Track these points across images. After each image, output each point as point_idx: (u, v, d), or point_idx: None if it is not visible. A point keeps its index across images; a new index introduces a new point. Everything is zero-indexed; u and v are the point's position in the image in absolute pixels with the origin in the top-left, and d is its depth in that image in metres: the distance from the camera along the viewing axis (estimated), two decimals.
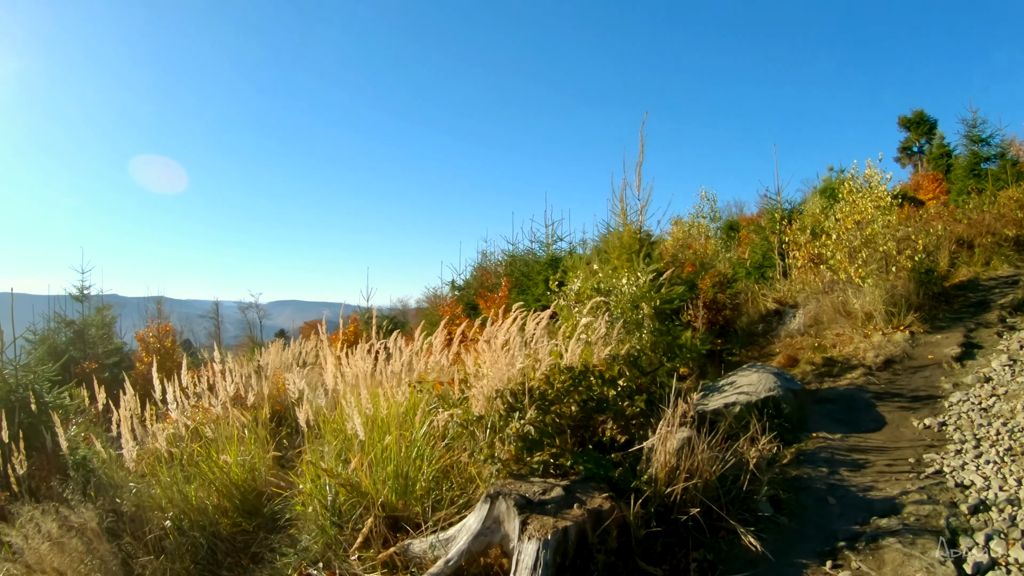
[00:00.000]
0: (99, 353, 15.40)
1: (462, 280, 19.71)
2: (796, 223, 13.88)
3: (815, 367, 9.62)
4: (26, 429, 7.23)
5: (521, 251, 17.23)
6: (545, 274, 13.44)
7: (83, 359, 14.85)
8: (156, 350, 15.03)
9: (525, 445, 5.42)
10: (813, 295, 11.79)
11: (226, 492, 6.58)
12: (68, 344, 15.35)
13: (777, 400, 7.17)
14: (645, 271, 8.75)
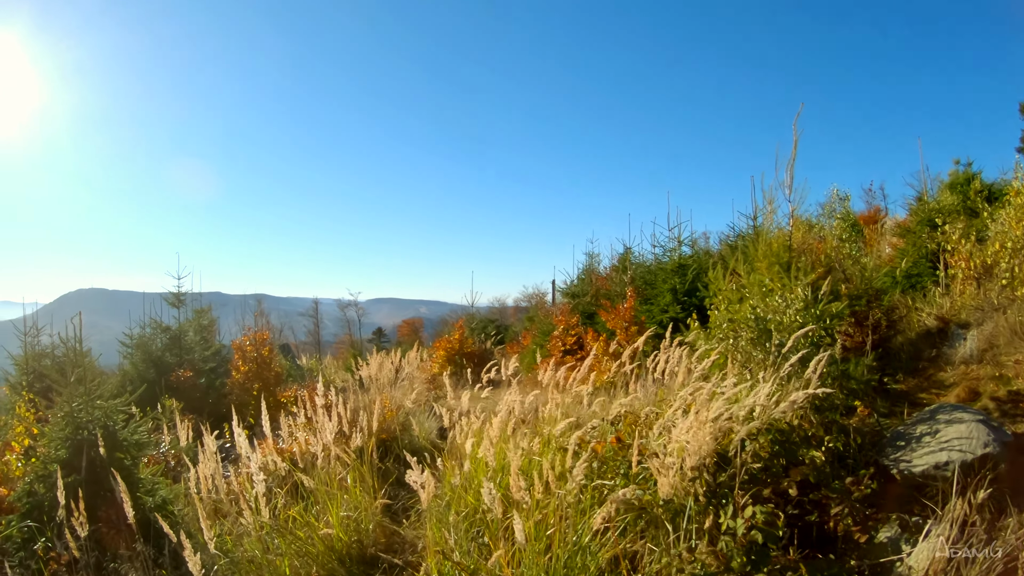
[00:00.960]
0: (195, 359, 14.78)
1: (568, 284, 18.55)
2: (952, 225, 12.23)
3: (999, 402, 8.07)
4: (93, 474, 6.31)
5: (640, 255, 15.98)
6: (671, 282, 12.21)
7: (178, 366, 14.22)
8: (253, 359, 14.28)
9: (746, 555, 4.03)
10: (984, 312, 10.17)
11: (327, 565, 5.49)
12: (164, 350, 14.86)
13: (995, 459, 5.66)
14: (803, 285, 7.33)
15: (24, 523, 6.19)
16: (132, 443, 6.79)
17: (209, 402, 13.89)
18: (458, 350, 16.23)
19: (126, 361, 15.59)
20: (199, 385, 14.01)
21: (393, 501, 6.64)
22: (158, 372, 14.19)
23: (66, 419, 6.54)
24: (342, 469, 6.47)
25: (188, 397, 12.87)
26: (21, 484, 6.75)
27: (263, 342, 14.76)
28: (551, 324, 14.11)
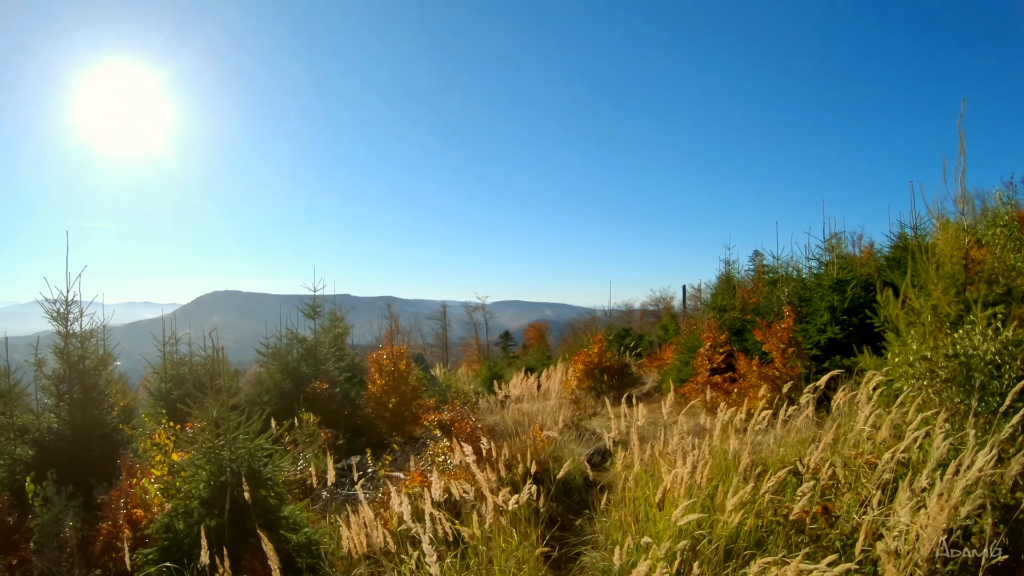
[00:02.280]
0: (330, 370, 14.55)
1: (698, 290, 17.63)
2: None
3: None
4: (236, 514, 5.90)
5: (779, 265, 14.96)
6: (829, 299, 11.23)
7: (314, 377, 13.99)
8: (389, 372, 13.94)
9: None
10: None
11: None
12: (299, 360, 14.68)
13: None
14: (987, 313, 6.31)
15: (162, 562, 5.82)
16: (276, 481, 6.38)
17: (345, 414, 13.61)
18: (597, 364, 15.62)
19: (263, 370, 15.53)
20: (334, 396, 13.75)
21: (552, 549, 6.00)
22: (294, 383, 14.01)
23: (207, 455, 6.17)
24: (496, 513, 5.86)
25: (324, 409, 12.59)
26: (160, 515, 6.42)
27: (400, 356, 14.45)
28: (696, 339, 13.33)
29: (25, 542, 7.16)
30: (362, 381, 15.27)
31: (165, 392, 13.94)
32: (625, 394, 14.06)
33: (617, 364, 16.26)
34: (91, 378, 8.88)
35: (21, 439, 8.57)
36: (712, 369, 11.67)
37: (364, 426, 13.90)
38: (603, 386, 15.14)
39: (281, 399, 13.65)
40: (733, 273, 16.19)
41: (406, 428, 13.79)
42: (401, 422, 13.83)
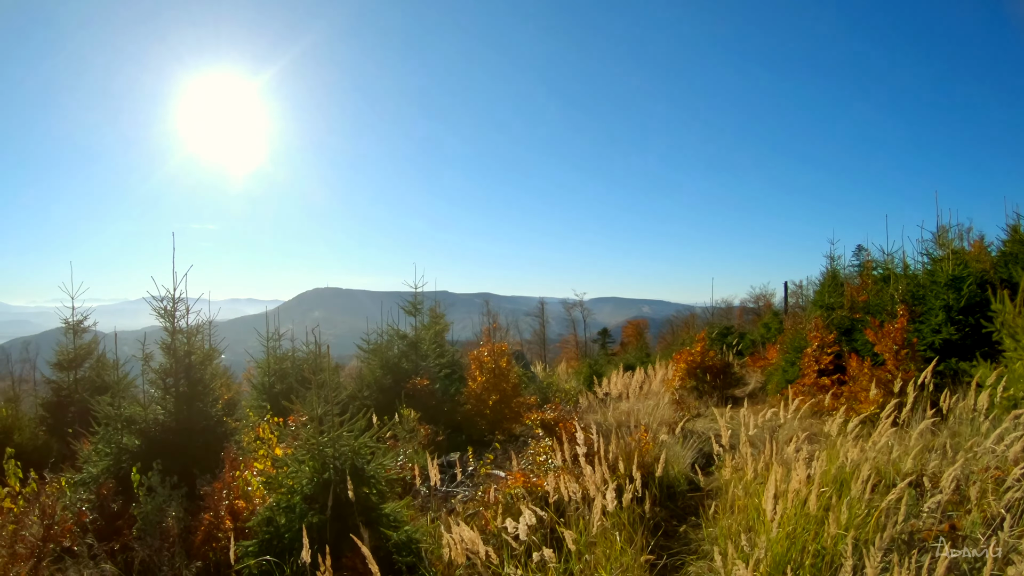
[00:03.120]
0: (430, 366, 14.56)
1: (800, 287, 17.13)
2: None
3: None
4: (338, 511, 5.87)
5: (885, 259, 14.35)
6: (944, 298, 10.67)
7: (414, 373, 14.02)
8: (490, 370, 13.87)
9: None
10: None
11: None
12: (400, 356, 14.76)
13: None
14: None
15: (262, 555, 5.83)
16: (379, 479, 6.34)
17: (444, 411, 13.62)
18: (699, 363, 15.29)
19: (363, 365, 15.67)
20: (434, 393, 13.77)
21: (656, 556, 5.81)
22: (394, 379, 14.09)
23: (311, 451, 6.16)
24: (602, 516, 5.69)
25: (424, 405, 12.61)
26: (262, 509, 6.45)
27: (501, 353, 14.37)
28: (802, 339, 12.91)
29: (128, 529, 7.32)
30: (462, 378, 15.25)
31: (268, 386, 14.19)
32: (728, 395, 13.73)
33: (720, 363, 15.90)
34: (197, 372, 9.05)
35: (128, 429, 8.78)
36: (819, 370, 11.28)
37: (463, 423, 13.89)
38: (705, 386, 14.84)
39: (381, 394, 13.75)
40: (838, 269, 15.70)
41: (506, 426, 13.72)
42: (501, 419, 13.77)
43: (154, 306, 9.09)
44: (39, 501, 7.39)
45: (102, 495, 7.88)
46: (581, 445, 6.18)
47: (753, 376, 17.27)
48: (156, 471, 7.37)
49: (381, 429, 7.33)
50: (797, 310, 20.67)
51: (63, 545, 7.08)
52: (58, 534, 7.08)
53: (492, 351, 14.35)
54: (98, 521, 7.61)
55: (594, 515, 5.17)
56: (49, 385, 16.12)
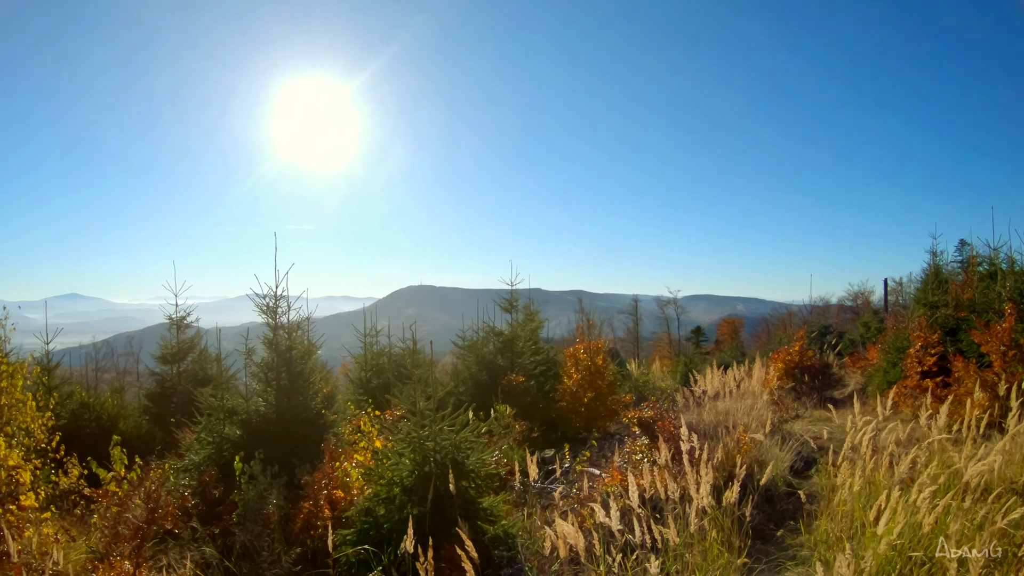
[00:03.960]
0: (525, 363, 14.58)
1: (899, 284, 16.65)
2: None
3: None
4: (437, 504, 5.94)
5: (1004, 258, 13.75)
6: None
7: (509, 369, 14.07)
8: (586, 367, 13.84)
9: None
10: None
11: None
12: (495, 353, 14.82)
13: None
14: None
15: (360, 544, 5.93)
16: (478, 473, 6.40)
17: (539, 408, 13.62)
18: (797, 363, 15.01)
19: (458, 361, 15.81)
20: (529, 389, 13.79)
21: (753, 560, 5.73)
22: (490, 375, 14.16)
23: (412, 445, 6.25)
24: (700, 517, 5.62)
25: (519, 402, 12.63)
26: (361, 499, 6.57)
27: (597, 350, 14.31)
28: (904, 339, 12.56)
29: (228, 514, 7.56)
30: (557, 375, 15.20)
31: (365, 381, 14.47)
32: (826, 396, 13.45)
33: (818, 364, 15.56)
34: (297, 366, 9.27)
35: (229, 420, 9.07)
36: (922, 372, 10.96)
37: (558, 420, 13.87)
38: (803, 387, 14.55)
39: (476, 390, 13.83)
40: (941, 265, 15.23)
41: (600, 423, 13.68)
42: (596, 417, 13.72)
43: (257, 303, 9.38)
44: (143, 486, 7.69)
45: (204, 482, 8.15)
46: (685, 442, 6.14)
47: (852, 377, 16.88)
48: (258, 460, 7.57)
49: (484, 427, 7.40)
50: (898, 308, 20.13)
51: (165, 528, 7.35)
52: (161, 517, 7.35)
53: (588, 348, 14.30)
54: (199, 506, 7.89)
55: (692, 515, 5.14)
56: (153, 377, 16.80)
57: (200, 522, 7.35)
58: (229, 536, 7.20)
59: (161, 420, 15.15)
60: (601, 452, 10.35)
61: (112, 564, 6.62)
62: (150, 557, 6.89)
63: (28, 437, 8.31)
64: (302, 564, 6.62)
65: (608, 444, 11.21)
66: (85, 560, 7.20)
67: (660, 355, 35.06)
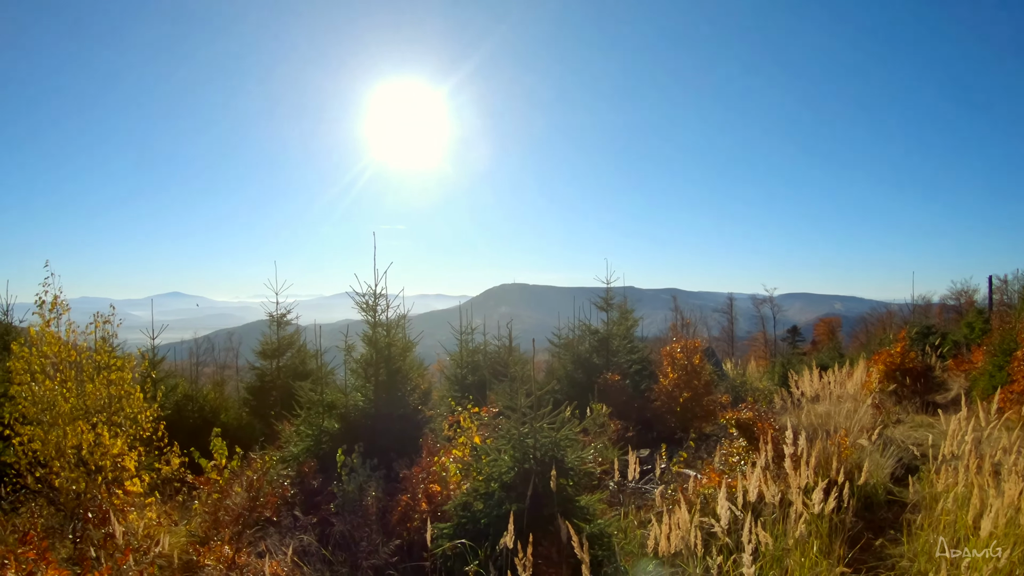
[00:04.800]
0: (621, 362, 14.55)
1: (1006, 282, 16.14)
2: None
3: None
4: (535, 500, 5.97)
5: None
6: None
7: (605, 368, 14.07)
8: (682, 366, 13.72)
9: None
10: None
11: None
12: (591, 351, 14.84)
13: None
14: None
15: (457, 539, 6.01)
16: (577, 470, 6.43)
17: (634, 407, 13.55)
18: (899, 365, 14.60)
19: (553, 359, 15.87)
20: (625, 388, 13.73)
21: (852, 570, 5.62)
22: (585, 373, 14.18)
23: (512, 441, 6.31)
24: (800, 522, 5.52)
25: (614, 401, 12.60)
26: (458, 494, 6.66)
27: (694, 349, 14.14)
28: (1012, 340, 12.14)
29: (326, 504, 7.75)
30: (652, 374, 15.08)
31: (460, 377, 14.66)
32: (928, 400, 13.10)
33: (920, 366, 15.09)
34: (395, 362, 9.46)
35: (328, 413, 9.31)
36: None
37: (653, 419, 13.75)
38: (904, 390, 14.15)
39: (572, 388, 13.84)
40: None
41: (696, 424, 13.53)
42: (691, 418, 13.58)
43: (356, 301, 9.64)
44: (244, 475, 7.99)
45: (303, 472, 8.40)
46: (788, 444, 6.07)
47: (956, 381, 16.35)
48: (357, 453, 7.74)
49: (582, 425, 7.42)
50: (1003, 308, 19.50)
51: (264, 516, 7.58)
52: (262, 506, 7.61)
53: (685, 347, 14.17)
54: (298, 496, 8.12)
55: (791, 521, 5.08)
56: (253, 371, 17.40)
57: (299, 511, 7.57)
58: (327, 525, 7.39)
59: (260, 412, 15.63)
60: (696, 453, 10.28)
61: (212, 548, 6.87)
62: (249, 543, 7.12)
63: (134, 426, 8.65)
64: (398, 556, 6.73)
65: (703, 445, 11.13)
66: (186, 544, 7.49)
67: (755, 355, 34.60)
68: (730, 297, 44.87)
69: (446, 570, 6.13)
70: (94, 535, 7.17)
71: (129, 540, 6.83)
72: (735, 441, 8.98)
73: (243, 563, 6.58)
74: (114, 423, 8.46)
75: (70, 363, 8.40)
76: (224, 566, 6.58)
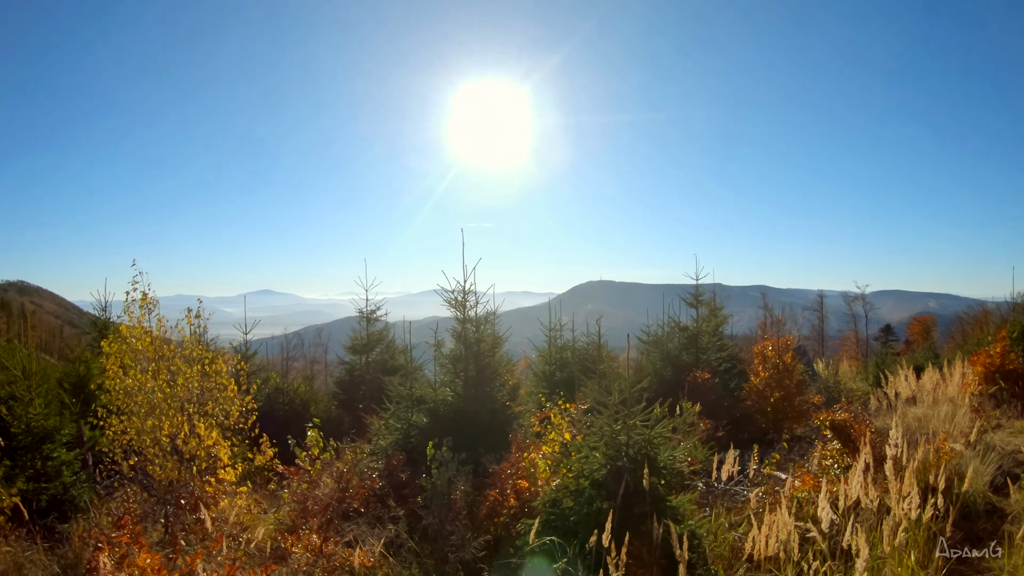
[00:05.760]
0: (710, 360, 14.34)
1: None
2: None
3: None
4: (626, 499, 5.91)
5: None
6: None
7: (694, 366, 13.88)
8: (774, 365, 13.46)
9: None
10: None
11: None
12: (680, 349, 14.64)
13: None
14: None
15: (545, 535, 5.98)
16: (669, 469, 6.35)
17: (724, 406, 13.33)
18: (999, 367, 14.07)
19: (642, 357, 15.77)
20: (714, 387, 13.52)
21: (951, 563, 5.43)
22: (674, 371, 14.02)
23: (605, 439, 6.26)
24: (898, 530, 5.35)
25: (704, 399, 12.39)
26: (548, 491, 6.64)
27: (786, 347, 13.84)
28: None
29: (413, 497, 7.84)
30: (741, 372, 14.83)
31: (549, 374, 14.65)
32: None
33: (1021, 368, 14.56)
34: (484, 358, 9.51)
35: (417, 408, 9.38)
36: None
37: (743, 419, 13.48)
38: (1004, 393, 13.63)
39: (660, 386, 13.68)
40: None
41: (787, 425, 13.25)
42: (782, 418, 13.30)
43: (445, 297, 9.77)
44: (334, 466, 8.13)
45: (391, 465, 8.50)
46: (891, 447, 5.90)
47: None
48: (447, 447, 7.79)
49: (669, 421, 7.33)
50: None
51: (353, 507, 7.70)
52: (351, 496, 7.72)
53: (776, 345, 13.90)
54: (386, 488, 8.22)
55: (887, 528, 4.93)
56: (342, 366, 17.77)
57: (387, 503, 7.66)
58: (414, 518, 7.47)
59: (349, 406, 15.92)
60: (787, 456, 10.09)
61: (300, 537, 6.99)
62: (337, 533, 7.22)
63: (226, 418, 8.88)
64: (485, 550, 6.76)
65: (794, 447, 10.93)
66: (274, 531, 7.64)
67: (847, 354, 33.90)
68: (820, 294, 44.06)
69: (533, 567, 6.12)
70: (185, 520, 7.39)
71: (220, 527, 7.01)
72: (828, 443, 8.79)
73: (330, 552, 6.70)
74: (207, 414, 8.70)
75: (161, 356, 8.65)
76: (312, 554, 6.71)
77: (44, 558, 7.13)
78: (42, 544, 7.43)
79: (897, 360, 22.82)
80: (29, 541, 7.45)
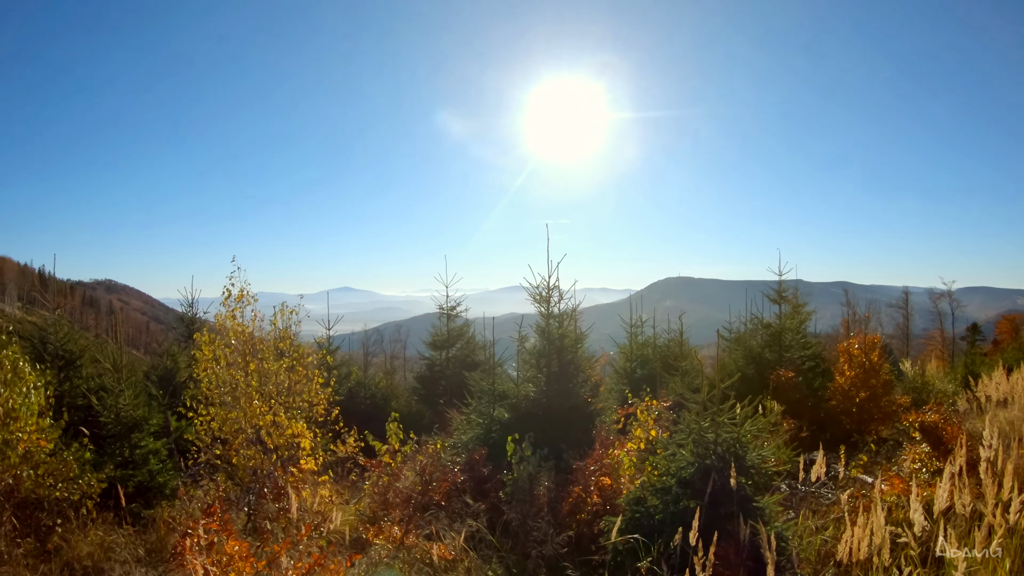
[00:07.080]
0: (794, 358, 14.07)
1: None
2: None
3: None
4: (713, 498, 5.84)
5: None
6: None
7: (778, 364, 13.66)
8: (860, 364, 13.14)
9: None
10: None
11: None
12: (763, 346, 14.42)
13: None
14: None
15: (629, 533, 5.94)
16: (758, 469, 6.27)
17: (808, 406, 13.07)
18: None
19: (724, 354, 15.61)
20: (798, 386, 13.25)
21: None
22: (757, 369, 13.81)
23: (692, 437, 6.21)
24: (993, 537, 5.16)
25: (787, 399, 12.17)
26: (633, 488, 6.60)
27: (872, 346, 13.46)
28: None
29: (494, 492, 7.84)
30: (825, 371, 14.52)
31: (629, 371, 14.60)
32: None
33: None
34: (567, 354, 9.49)
35: (499, 403, 9.41)
36: None
37: (827, 420, 13.18)
38: None
39: (743, 384, 13.48)
40: None
41: (873, 426, 12.93)
42: (868, 419, 12.96)
43: (530, 292, 9.78)
44: (415, 460, 8.23)
45: (472, 460, 8.53)
46: (987, 448, 5.73)
47: None
48: (529, 442, 7.80)
49: (757, 419, 7.24)
50: None
51: (434, 500, 7.76)
52: (432, 490, 7.79)
53: (862, 343, 13.57)
54: (467, 483, 8.25)
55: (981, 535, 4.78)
56: (423, 361, 18.02)
57: (469, 498, 7.70)
58: (495, 512, 7.48)
59: (429, 400, 16.12)
60: (873, 458, 9.89)
61: (381, 528, 7.06)
62: (417, 526, 7.29)
63: (311, 408, 9.06)
64: (567, 547, 6.75)
65: (881, 449, 10.71)
66: (355, 522, 7.75)
67: (932, 353, 33.10)
68: (905, 291, 43.00)
69: (616, 565, 6.09)
70: (269, 508, 7.54)
71: (302, 516, 7.14)
72: (917, 446, 8.59)
73: (411, 544, 6.77)
74: (291, 406, 8.89)
75: (253, 350, 8.86)
76: (392, 546, 6.79)
77: (131, 542, 7.39)
78: (128, 528, 7.72)
79: (985, 360, 22.18)
80: (116, 525, 7.76)
